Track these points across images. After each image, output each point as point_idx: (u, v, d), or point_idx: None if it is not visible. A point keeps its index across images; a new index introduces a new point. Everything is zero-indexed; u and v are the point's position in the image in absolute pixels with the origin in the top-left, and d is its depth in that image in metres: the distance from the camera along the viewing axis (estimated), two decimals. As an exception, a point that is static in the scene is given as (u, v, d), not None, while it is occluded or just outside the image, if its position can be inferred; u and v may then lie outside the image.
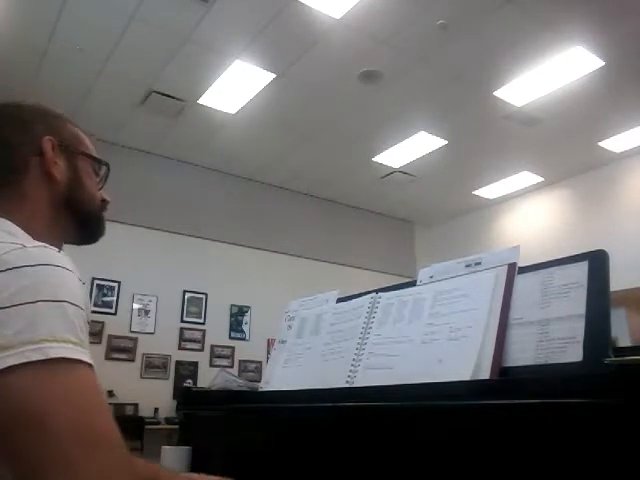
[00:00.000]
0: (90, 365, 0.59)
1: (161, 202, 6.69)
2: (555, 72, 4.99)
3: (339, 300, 1.21)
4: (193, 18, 4.45)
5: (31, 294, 0.59)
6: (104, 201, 0.92)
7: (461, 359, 0.82)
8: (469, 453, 0.71)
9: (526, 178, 7.29)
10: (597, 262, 0.78)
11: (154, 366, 6.31)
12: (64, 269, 0.64)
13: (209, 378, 1.39)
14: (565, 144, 6.35)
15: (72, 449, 0.54)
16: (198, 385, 5.89)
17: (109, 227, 0.93)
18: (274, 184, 7.67)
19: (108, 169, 0.93)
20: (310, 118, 5.96)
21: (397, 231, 8.91)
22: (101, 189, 0.92)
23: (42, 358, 0.55)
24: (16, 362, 0.54)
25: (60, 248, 0.83)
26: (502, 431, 0.68)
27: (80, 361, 0.58)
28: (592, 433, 0.59)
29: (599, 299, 0.74)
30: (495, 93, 5.38)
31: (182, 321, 6.65)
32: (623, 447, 0.56)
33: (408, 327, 0.95)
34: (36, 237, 0.74)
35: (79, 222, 0.87)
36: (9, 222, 0.75)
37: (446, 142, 6.35)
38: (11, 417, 0.54)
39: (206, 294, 6.88)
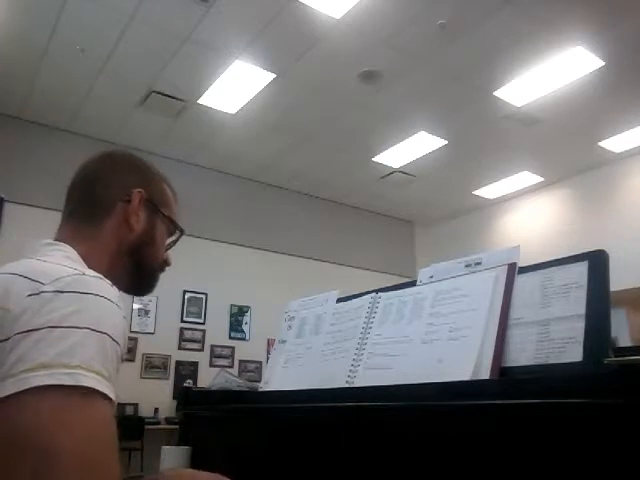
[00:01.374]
0: (112, 401, 0.62)
1: (161, 202, 6.67)
2: (555, 72, 4.99)
3: (339, 300, 1.21)
4: (193, 18, 4.45)
5: (79, 319, 0.62)
6: (165, 262, 0.98)
7: (461, 359, 0.82)
8: (469, 453, 0.71)
9: (526, 178, 7.29)
10: (597, 262, 0.78)
11: (154, 366, 6.31)
12: (113, 304, 0.67)
13: (209, 378, 1.39)
14: (565, 144, 6.35)
15: (70, 478, 0.55)
16: (198, 385, 5.90)
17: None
18: (274, 184, 7.67)
19: (181, 235, 0.99)
20: (310, 118, 5.96)
21: (397, 231, 8.91)
22: (167, 250, 0.98)
23: (73, 384, 0.58)
24: (49, 382, 0.57)
25: None
26: (502, 431, 0.68)
27: (105, 396, 0.60)
28: (592, 433, 0.59)
29: (599, 299, 0.74)
30: (495, 93, 5.38)
31: (182, 321, 6.65)
32: (623, 447, 0.56)
33: (408, 327, 0.95)
34: (92, 268, 0.77)
35: (135, 274, 0.92)
36: (71, 248, 0.81)
37: (446, 142, 6.35)
38: (20, 441, 0.55)
39: (206, 294, 6.88)
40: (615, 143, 6.32)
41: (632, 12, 4.29)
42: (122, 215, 0.88)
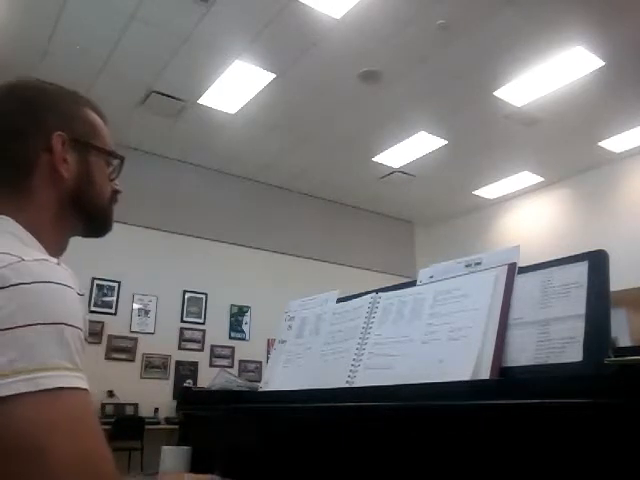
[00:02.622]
0: (85, 390, 0.57)
1: (161, 202, 6.69)
2: (555, 72, 4.99)
3: (339, 300, 1.21)
4: (193, 18, 4.45)
5: (28, 316, 0.56)
6: (116, 192, 0.88)
7: (461, 359, 0.82)
8: (469, 453, 0.71)
9: (526, 178, 7.30)
10: (597, 262, 0.78)
11: (154, 366, 6.31)
12: (64, 286, 0.61)
13: (209, 378, 1.39)
14: (565, 144, 6.35)
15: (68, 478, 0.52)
16: (198, 385, 5.90)
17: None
18: (274, 184, 7.68)
19: (122, 161, 0.88)
20: (310, 118, 5.96)
21: (397, 231, 8.91)
22: (113, 180, 0.87)
23: (35, 389, 0.53)
24: (8, 393, 0.52)
25: (65, 244, 0.82)
26: (502, 431, 0.68)
27: (75, 388, 0.56)
28: (592, 433, 0.59)
29: (599, 299, 0.74)
30: (495, 93, 5.37)
31: (182, 321, 6.65)
32: (623, 447, 0.56)
33: (408, 327, 0.95)
34: (40, 235, 0.73)
35: (86, 218, 0.83)
36: (12, 221, 0.72)
37: (446, 142, 6.35)
38: (8, 451, 0.52)
39: (206, 294, 6.88)
40: (615, 143, 6.32)
41: (632, 12, 4.29)
42: (48, 167, 0.77)
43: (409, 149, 6.54)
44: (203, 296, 6.87)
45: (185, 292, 6.74)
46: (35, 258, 0.63)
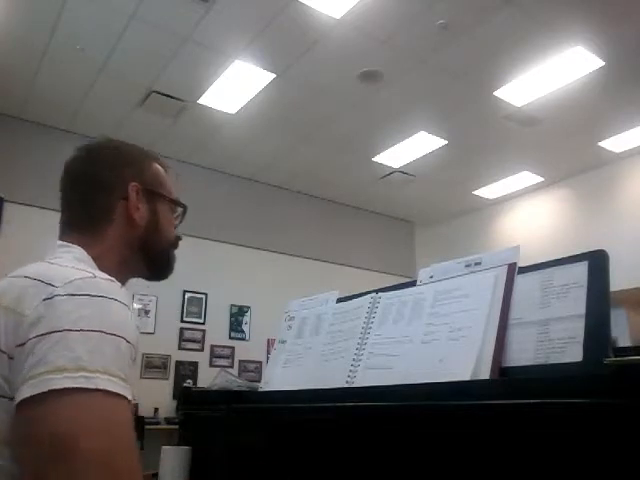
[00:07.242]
0: (130, 402, 0.63)
1: (161, 202, 6.68)
2: (555, 72, 4.99)
3: (339, 300, 1.21)
4: (193, 18, 4.45)
5: (95, 323, 0.63)
6: (178, 238, 0.98)
7: (461, 359, 0.82)
8: (469, 453, 0.71)
9: (526, 178, 7.29)
10: (597, 262, 0.78)
11: (154, 366, 6.31)
12: (125, 306, 0.69)
13: (209, 378, 1.39)
14: (565, 144, 6.35)
15: (94, 478, 0.56)
16: (198, 385, 5.90)
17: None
18: (274, 184, 7.67)
19: (185, 210, 0.99)
20: (310, 118, 5.96)
21: (397, 231, 8.91)
22: (176, 227, 0.98)
23: (92, 387, 0.59)
24: (69, 385, 0.58)
25: (125, 283, 0.88)
26: (502, 431, 0.68)
27: (123, 397, 0.62)
28: (592, 433, 0.59)
29: (599, 299, 0.74)
30: (495, 93, 5.37)
31: (182, 321, 6.65)
32: (623, 447, 0.56)
33: (408, 327, 0.95)
34: (103, 270, 0.78)
35: (149, 262, 0.93)
36: (80, 249, 0.81)
37: (446, 142, 6.35)
38: (42, 439, 0.57)
39: (206, 294, 6.88)
40: (615, 143, 6.31)
41: (632, 12, 4.29)
42: (124, 214, 0.87)
43: (409, 149, 6.53)
44: (203, 296, 6.86)
45: (185, 292, 6.74)
46: (105, 278, 0.72)
